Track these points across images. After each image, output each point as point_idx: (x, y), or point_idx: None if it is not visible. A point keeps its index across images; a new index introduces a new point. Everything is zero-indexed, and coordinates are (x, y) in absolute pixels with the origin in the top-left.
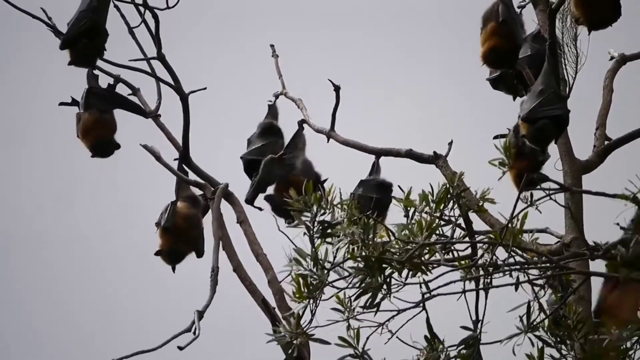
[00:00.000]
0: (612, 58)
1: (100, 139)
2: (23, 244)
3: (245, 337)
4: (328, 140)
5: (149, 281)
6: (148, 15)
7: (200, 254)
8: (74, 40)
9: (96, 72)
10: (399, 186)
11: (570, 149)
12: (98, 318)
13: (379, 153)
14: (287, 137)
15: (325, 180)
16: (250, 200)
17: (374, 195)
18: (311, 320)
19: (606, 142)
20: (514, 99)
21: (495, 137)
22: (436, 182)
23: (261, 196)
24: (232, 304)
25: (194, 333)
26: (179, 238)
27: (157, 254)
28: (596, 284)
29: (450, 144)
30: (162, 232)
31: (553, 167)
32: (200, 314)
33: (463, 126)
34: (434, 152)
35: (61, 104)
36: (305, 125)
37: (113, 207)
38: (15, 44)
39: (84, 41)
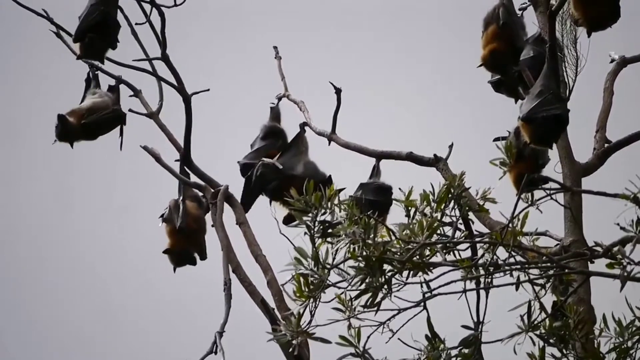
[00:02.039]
0: (612, 60)
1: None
2: (23, 244)
3: (244, 338)
4: (329, 143)
5: (149, 282)
6: (153, 15)
7: (203, 257)
8: (85, 34)
9: (97, 72)
10: (399, 189)
11: (570, 151)
12: (98, 318)
13: (379, 156)
14: (290, 139)
15: (330, 177)
16: (246, 205)
17: (374, 198)
18: (311, 319)
19: (606, 145)
20: (516, 101)
21: (495, 140)
22: (437, 185)
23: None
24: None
25: (216, 353)
26: (189, 239)
27: (165, 252)
28: (596, 284)
29: (451, 146)
30: (173, 232)
31: (553, 170)
32: (221, 334)
33: (464, 129)
34: (435, 155)
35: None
36: (306, 128)
37: (113, 208)
38: (16, 43)
39: (91, 35)
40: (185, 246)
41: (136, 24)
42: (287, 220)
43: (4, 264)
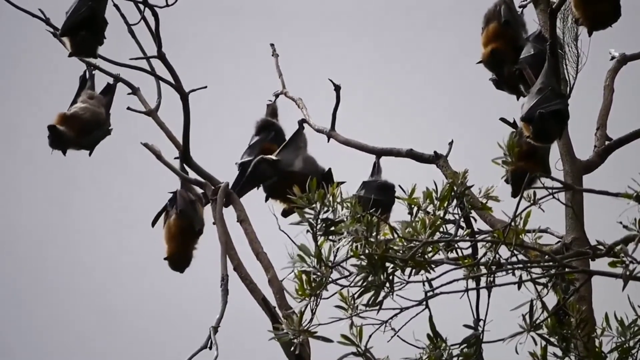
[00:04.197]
0: (612, 58)
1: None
2: (23, 244)
3: (245, 335)
4: (328, 140)
5: (148, 280)
6: (148, 13)
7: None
8: (72, 29)
9: (95, 71)
10: (399, 186)
11: (571, 149)
12: (96, 315)
13: (379, 153)
14: (287, 135)
15: (330, 170)
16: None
17: (377, 197)
18: (312, 317)
19: (607, 142)
20: (517, 98)
21: (501, 119)
22: (437, 182)
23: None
24: (232, 303)
25: (210, 348)
26: (192, 243)
27: (179, 255)
28: (597, 283)
29: (451, 143)
30: (186, 229)
31: (554, 167)
32: (216, 329)
33: (464, 126)
34: (435, 152)
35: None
36: (305, 125)
37: (113, 206)
38: (16, 43)
39: (82, 33)
40: (186, 249)
41: (131, 24)
42: (286, 213)
43: (4, 264)
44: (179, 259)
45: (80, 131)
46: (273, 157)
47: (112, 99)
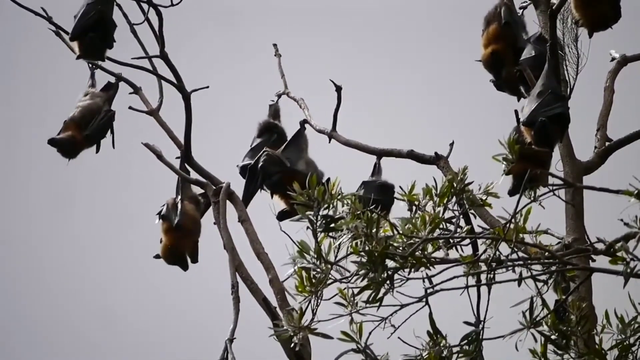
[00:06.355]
0: (613, 59)
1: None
2: (23, 245)
3: (246, 336)
4: (329, 140)
5: (149, 281)
6: (151, 13)
7: (194, 260)
8: (82, 33)
9: (97, 70)
10: (400, 187)
11: (571, 150)
12: (98, 319)
13: (380, 154)
14: (289, 136)
15: (328, 180)
16: (246, 199)
17: (376, 196)
18: (314, 315)
19: (607, 143)
20: (518, 99)
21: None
22: (439, 181)
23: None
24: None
25: None
26: (183, 239)
27: (157, 257)
28: (597, 281)
29: (452, 144)
30: (169, 229)
31: (554, 168)
32: (231, 341)
33: (465, 127)
34: (436, 153)
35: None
36: (307, 125)
37: (114, 206)
38: (16, 43)
39: (91, 35)
40: (178, 245)
41: (134, 24)
42: (282, 217)
43: (4, 264)
44: (168, 254)
45: (78, 129)
46: (280, 154)
47: (114, 95)
